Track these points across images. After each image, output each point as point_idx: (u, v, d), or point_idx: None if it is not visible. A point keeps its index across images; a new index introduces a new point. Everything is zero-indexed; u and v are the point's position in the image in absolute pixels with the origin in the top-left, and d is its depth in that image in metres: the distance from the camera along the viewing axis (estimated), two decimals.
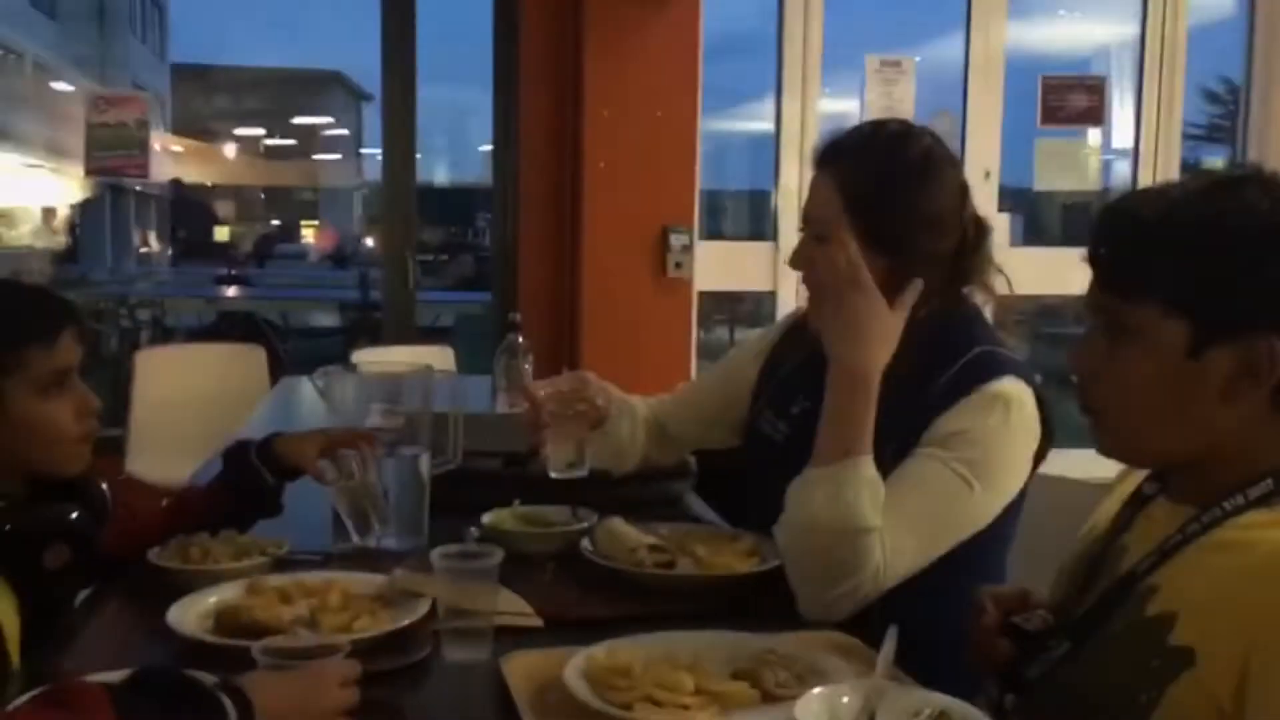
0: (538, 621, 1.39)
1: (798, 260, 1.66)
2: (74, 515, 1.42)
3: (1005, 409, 1.53)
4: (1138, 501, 1.23)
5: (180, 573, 1.48)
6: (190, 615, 1.33)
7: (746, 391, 1.89)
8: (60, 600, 1.46)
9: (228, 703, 0.97)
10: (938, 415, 1.53)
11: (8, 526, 1.35)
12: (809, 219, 1.64)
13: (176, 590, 1.41)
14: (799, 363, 1.78)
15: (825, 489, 1.45)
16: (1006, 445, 1.53)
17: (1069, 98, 4.84)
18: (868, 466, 1.47)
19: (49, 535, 1.40)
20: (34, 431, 1.38)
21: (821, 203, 1.62)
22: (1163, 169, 4.92)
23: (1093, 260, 1.15)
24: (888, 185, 1.59)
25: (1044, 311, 6.75)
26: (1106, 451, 1.19)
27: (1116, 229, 1.14)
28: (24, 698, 1.01)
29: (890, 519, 1.45)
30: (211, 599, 1.38)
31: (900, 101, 4.66)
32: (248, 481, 1.63)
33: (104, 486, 1.52)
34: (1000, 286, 1.68)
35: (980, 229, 1.66)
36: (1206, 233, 1.08)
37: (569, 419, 1.78)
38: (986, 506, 1.52)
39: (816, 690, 1.08)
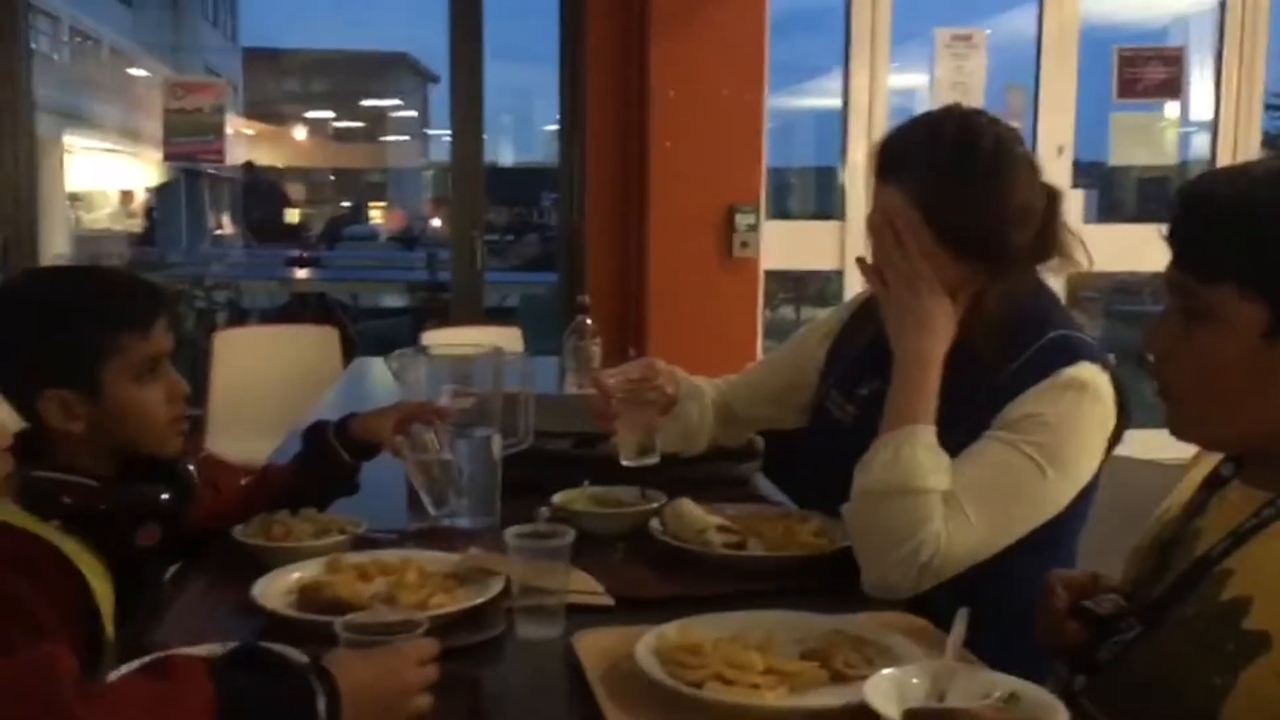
0: (609, 600, 1.41)
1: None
2: (164, 496, 1.47)
3: (1079, 394, 1.51)
4: (1213, 485, 1.21)
5: (264, 549, 1.52)
6: (273, 590, 1.38)
7: (813, 373, 1.89)
8: (150, 576, 1.52)
9: (316, 683, 1.00)
10: (1010, 399, 1.51)
11: (102, 507, 1.40)
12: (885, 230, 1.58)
13: (260, 566, 1.46)
14: (866, 344, 1.78)
15: (884, 453, 1.47)
16: (1080, 431, 1.51)
17: (1145, 70, 4.74)
18: (928, 434, 1.48)
19: (141, 515, 1.45)
20: (129, 415, 1.44)
21: (895, 215, 1.56)
22: (1243, 141, 4.80)
23: (1170, 240, 1.14)
24: (966, 190, 1.54)
25: (1119, 288, 6.64)
26: (1179, 433, 1.18)
27: (1194, 209, 1.13)
28: (125, 668, 1.06)
29: (955, 492, 1.45)
30: (294, 575, 1.42)
31: (971, 76, 4.59)
32: (326, 460, 1.67)
33: (190, 467, 1.58)
34: (1081, 257, 1.62)
35: (1053, 199, 1.61)
36: None
37: (639, 406, 1.79)
38: (1058, 493, 1.51)
39: (886, 671, 1.09)
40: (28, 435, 1.44)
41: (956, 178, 1.54)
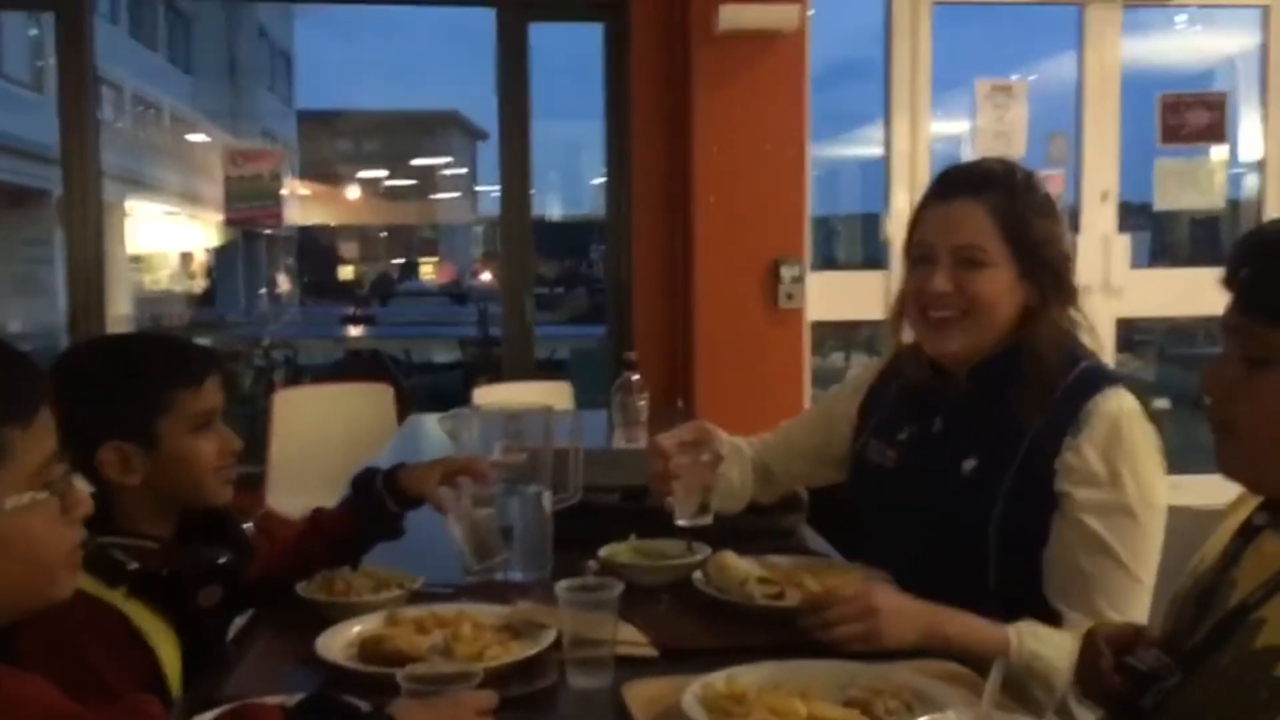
0: (652, 651, 1.45)
1: (944, 283, 1.69)
2: (223, 559, 1.54)
3: (1129, 424, 1.60)
4: (1247, 534, 1.23)
5: (325, 604, 1.58)
6: (335, 644, 1.43)
7: (846, 428, 1.94)
8: (213, 635, 1.58)
9: None
10: (1056, 436, 1.59)
11: (165, 571, 1.47)
12: (959, 245, 1.68)
13: (322, 621, 1.52)
14: (900, 392, 1.84)
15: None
16: (1141, 462, 1.60)
17: (1188, 116, 4.74)
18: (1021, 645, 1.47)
19: (202, 577, 1.52)
20: (183, 466, 1.52)
21: (973, 229, 1.67)
22: None
23: (1230, 283, 1.17)
24: (1038, 218, 1.69)
25: (1173, 331, 6.58)
26: (1231, 471, 1.20)
27: (1258, 254, 1.16)
28: (207, 715, 1.11)
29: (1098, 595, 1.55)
30: (355, 629, 1.48)
31: (1012, 125, 4.63)
32: (373, 507, 1.74)
33: (246, 526, 1.65)
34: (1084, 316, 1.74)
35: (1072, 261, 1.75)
36: None
37: (695, 468, 1.83)
38: (1156, 530, 1.61)
39: (925, 718, 1.12)
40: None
41: (1030, 204, 1.69)
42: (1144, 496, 1.58)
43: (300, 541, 1.75)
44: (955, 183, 1.73)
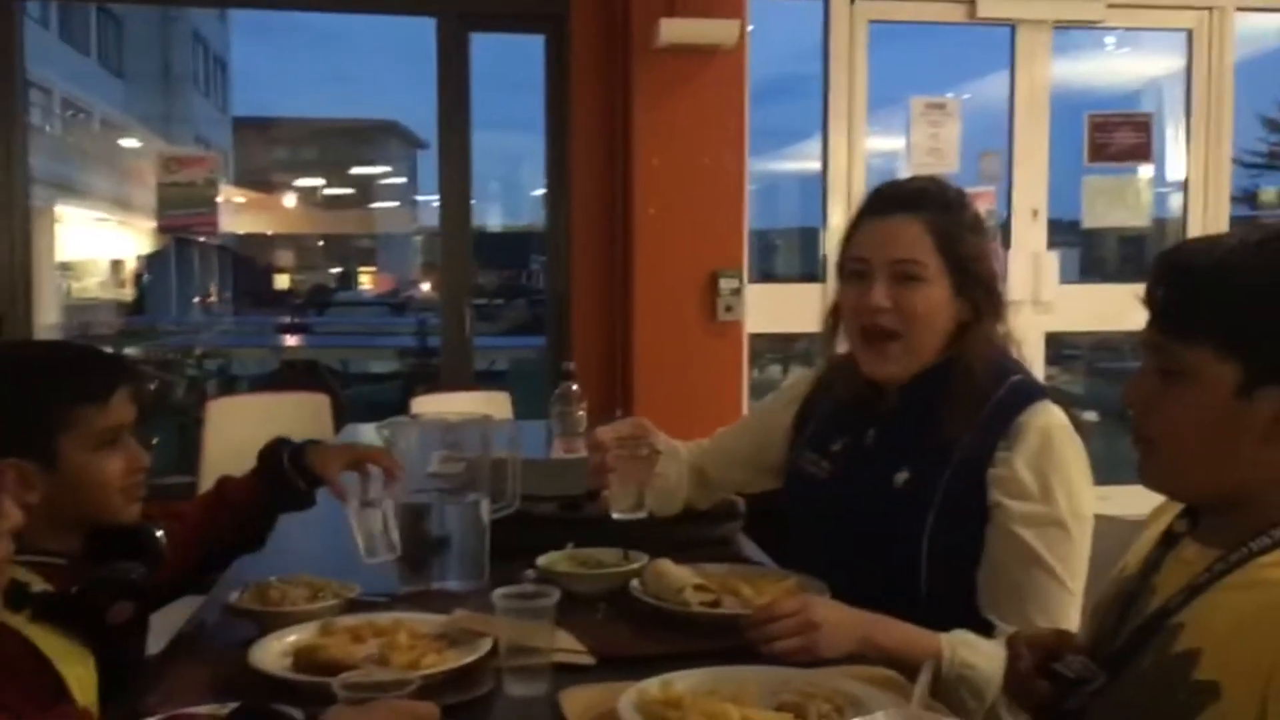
0: (589, 659, 1.46)
1: (882, 298, 1.71)
2: (134, 575, 1.47)
3: (1061, 440, 1.65)
4: (1168, 542, 1.27)
5: (259, 614, 1.57)
6: (270, 654, 1.42)
7: (780, 437, 1.97)
8: (131, 649, 1.54)
9: None
10: (987, 449, 1.64)
11: (74, 589, 1.40)
12: (896, 260, 1.71)
13: (256, 631, 1.51)
14: (835, 405, 1.88)
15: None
16: (1071, 475, 1.65)
17: (1116, 135, 4.87)
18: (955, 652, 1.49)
19: (112, 594, 1.44)
20: (86, 485, 1.46)
21: (910, 242, 1.71)
22: (1213, 200, 4.93)
23: (1148, 301, 1.21)
24: (970, 235, 1.73)
25: (1100, 345, 6.73)
26: (1151, 482, 1.24)
27: (1172, 275, 1.20)
28: None
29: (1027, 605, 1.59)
30: (290, 638, 1.47)
31: (946, 142, 4.72)
32: (279, 481, 1.73)
33: (159, 533, 1.58)
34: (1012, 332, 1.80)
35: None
36: (1258, 282, 1.14)
37: (633, 462, 1.85)
38: (1084, 542, 1.65)
39: None
40: None
41: (962, 221, 1.74)
42: (1074, 508, 1.63)
43: (206, 512, 1.73)
44: (890, 199, 1.77)
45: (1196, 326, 1.16)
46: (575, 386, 2.89)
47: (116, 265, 16.86)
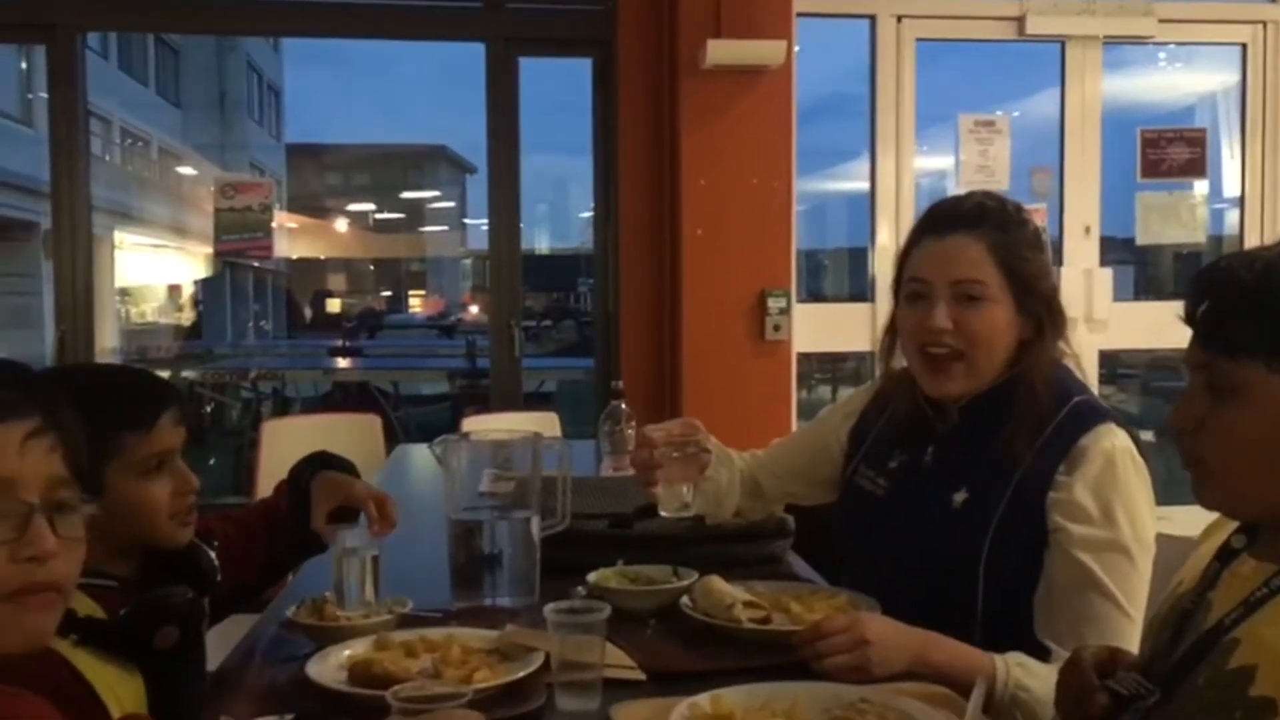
0: (640, 675, 1.46)
1: (944, 320, 1.70)
2: (180, 600, 1.43)
3: (1125, 465, 1.62)
4: (1224, 558, 1.26)
5: (315, 629, 1.59)
6: (325, 668, 1.44)
7: (836, 451, 1.96)
8: (182, 676, 1.54)
9: None
10: (1046, 476, 1.62)
11: (121, 611, 1.39)
12: (958, 280, 1.70)
13: (311, 645, 1.53)
14: (891, 420, 1.86)
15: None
16: (1135, 499, 1.62)
17: (1169, 151, 4.82)
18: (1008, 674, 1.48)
19: (157, 619, 1.41)
20: (132, 511, 1.44)
21: (971, 264, 1.69)
22: (1270, 216, 4.85)
23: (1190, 319, 1.20)
24: (1031, 252, 1.72)
25: (1156, 364, 6.63)
26: (1209, 503, 1.22)
27: (1215, 289, 1.19)
28: None
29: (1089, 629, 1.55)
30: (345, 653, 1.48)
31: (995, 160, 4.70)
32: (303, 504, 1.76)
33: (213, 554, 1.58)
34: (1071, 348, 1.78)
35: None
36: None
37: (681, 460, 1.86)
38: (1145, 562, 1.62)
39: None
40: None
41: (1022, 238, 1.72)
42: (1136, 534, 1.60)
43: (264, 517, 1.76)
44: (948, 218, 1.74)
45: (1244, 340, 1.14)
46: (624, 405, 2.89)
47: (173, 290, 17.19)
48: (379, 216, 23.54)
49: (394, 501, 1.77)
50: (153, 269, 16.73)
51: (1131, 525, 1.60)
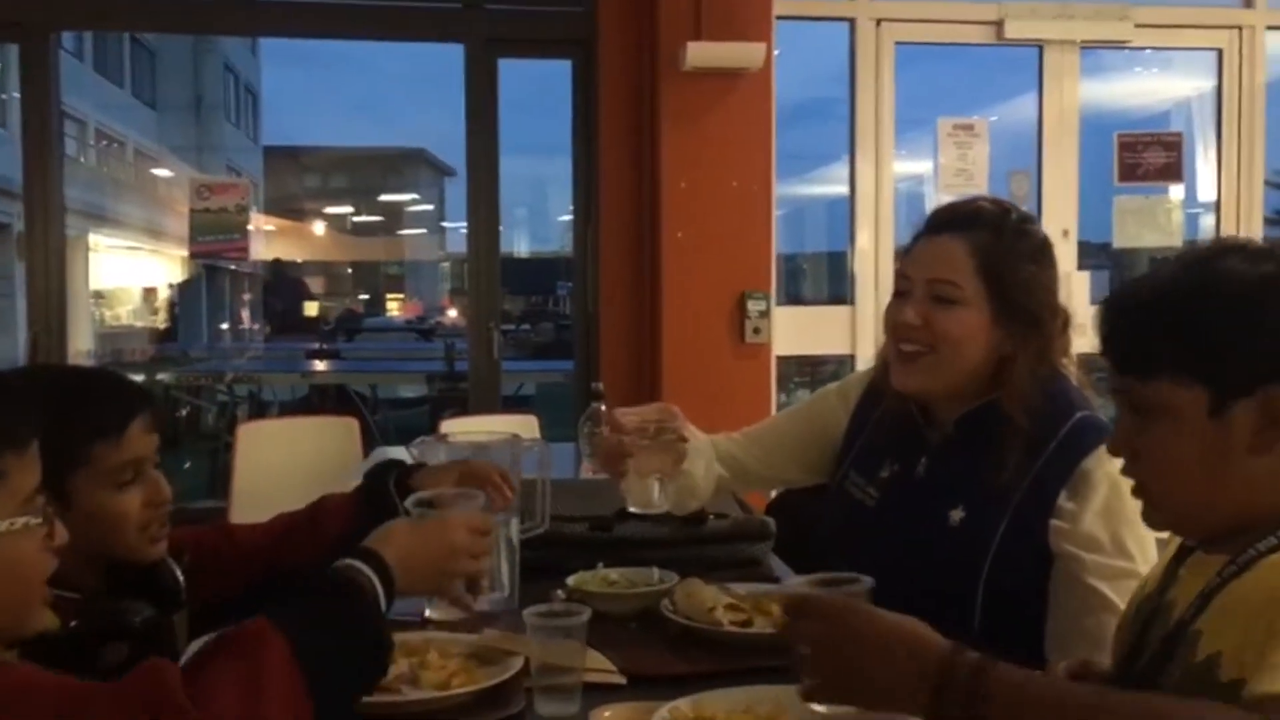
0: (620, 679, 1.45)
1: (914, 316, 1.69)
2: (135, 617, 1.37)
3: (1122, 489, 1.59)
4: (1180, 557, 1.27)
5: None
6: None
7: (834, 431, 1.93)
8: None
9: (361, 565, 1.11)
10: (1048, 499, 1.61)
11: (73, 624, 1.29)
12: (933, 280, 1.69)
13: None
14: (881, 423, 1.84)
15: None
16: (1141, 526, 1.57)
17: (1145, 155, 4.84)
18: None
19: (109, 634, 1.34)
20: (102, 524, 1.35)
21: (949, 263, 1.68)
22: (1245, 220, 4.89)
23: (1104, 350, 1.21)
24: (1024, 263, 1.68)
25: None
26: (1158, 526, 1.25)
27: (1119, 315, 1.20)
28: (192, 650, 1.12)
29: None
30: None
31: (974, 164, 4.71)
32: (383, 506, 1.62)
33: (178, 572, 1.47)
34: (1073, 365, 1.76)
35: (1067, 318, 1.74)
36: (1200, 301, 1.14)
37: (655, 450, 1.78)
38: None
39: None
40: None
41: (1016, 247, 1.69)
42: (1147, 559, 1.59)
43: (307, 535, 1.64)
44: (944, 219, 1.74)
45: (1154, 361, 1.15)
46: (604, 408, 2.88)
47: (149, 293, 17.07)
48: (357, 219, 23.45)
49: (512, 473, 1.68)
50: (128, 271, 16.61)
51: (1142, 552, 1.60)
